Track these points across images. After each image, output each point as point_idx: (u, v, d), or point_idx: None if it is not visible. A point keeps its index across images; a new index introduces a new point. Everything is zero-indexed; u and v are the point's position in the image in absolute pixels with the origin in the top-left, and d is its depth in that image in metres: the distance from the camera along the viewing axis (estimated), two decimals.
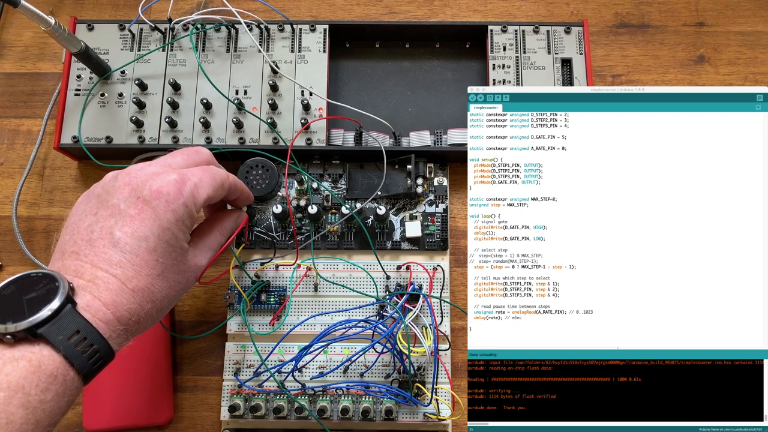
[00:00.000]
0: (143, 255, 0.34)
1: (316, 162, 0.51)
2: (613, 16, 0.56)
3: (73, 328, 0.30)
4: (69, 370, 0.30)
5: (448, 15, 0.56)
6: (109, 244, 0.33)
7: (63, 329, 0.30)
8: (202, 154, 0.40)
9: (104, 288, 0.32)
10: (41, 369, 0.29)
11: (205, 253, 0.40)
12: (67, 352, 0.30)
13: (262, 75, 0.51)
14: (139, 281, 0.33)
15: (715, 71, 0.54)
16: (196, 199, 0.36)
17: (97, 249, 0.33)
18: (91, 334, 0.31)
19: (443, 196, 0.49)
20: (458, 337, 0.48)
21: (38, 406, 0.29)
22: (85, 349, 0.31)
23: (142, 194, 0.35)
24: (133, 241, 0.34)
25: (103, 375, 0.46)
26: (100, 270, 0.33)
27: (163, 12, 0.53)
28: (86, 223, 0.34)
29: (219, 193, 0.39)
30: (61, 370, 0.30)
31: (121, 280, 0.33)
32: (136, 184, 0.35)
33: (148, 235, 0.34)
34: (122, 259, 0.33)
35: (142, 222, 0.34)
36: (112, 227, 0.34)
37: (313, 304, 0.47)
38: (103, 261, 0.33)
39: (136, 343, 0.46)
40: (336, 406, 0.45)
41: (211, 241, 0.41)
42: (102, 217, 0.34)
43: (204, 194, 0.37)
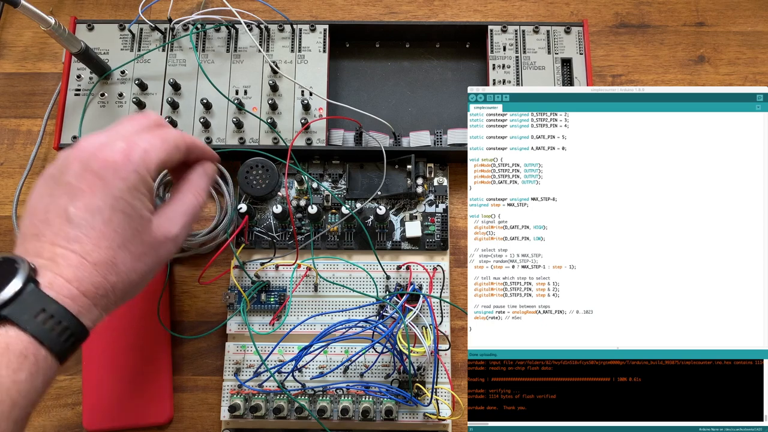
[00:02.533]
0: (99, 227, 0.33)
1: (316, 162, 0.51)
2: (613, 16, 0.56)
3: (38, 307, 0.30)
4: (40, 349, 0.30)
5: (448, 15, 0.56)
6: (65, 221, 0.33)
7: (27, 308, 0.30)
8: (150, 117, 0.38)
9: (65, 264, 0.32)
10: (10, 350, 0.29)
11: (178, 220, 0.38)
12: (35, 331, 0.30)
13: (262, 75, 0.51)
14: (99, 254, 0.33)
15: (715, 71, 0.54)
16: (148, 164, 0.35)
17: (54, 228, 0.33)
18: (57, 312, 0.31)
19: (443, 196, 0.49)
20: (458, 337, 0.48)
21: (12, 387, 0.28)
22: (54, 327, 0.30)
23: (91, 167, 0.34)
24: (87, 215, 0.33)
25: (104, 375, 0.46)
26: (59, 247, 0.32)
27: (163, 12, 0.53)
28: (42, 205, 0.34)
29: (174, 155, 0.37)
30: (32, 349, 0.29)
31: (80, 255, 0.32)
32: (85, 158, 0.34)
33: (101, 207, 0.33)
34: (79, 233, 0.33)
35: (94, 195, 0.34)
36: (66, 204, 0.33)
37: (313, 304, 0.47)
38: (61, 238, 0.33)
39: (136, 343, 0.47)
40: (336, 406, 0.45)
41: (184, 206, 0.39)
42: (56, 196, 0.34)
43: (155, 158, 0.36)
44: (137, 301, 0.48)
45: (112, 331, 0.47)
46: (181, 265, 0.50)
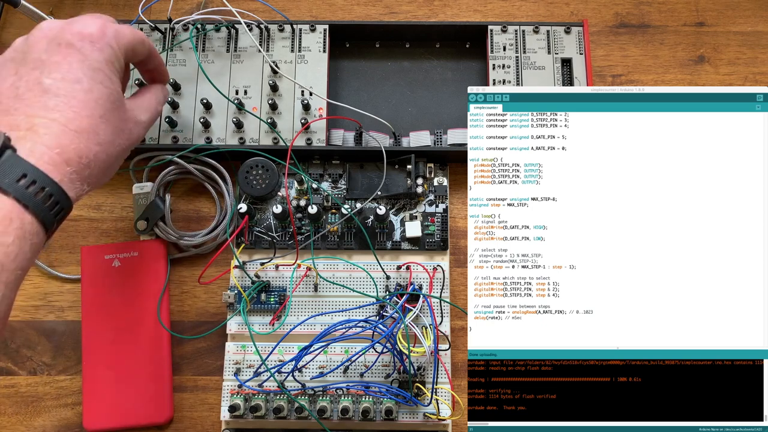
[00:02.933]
0: (79, 96, 0.33)
1: (316, 162, 0.51)
2: (613, 16, 0.56)
3: (19, 172, 0.29)
4: (25, 214, 0.29)
5: (448, 15, 0.56)
6: (40, 92, 0.32)
7: (8, 173, 0.29)
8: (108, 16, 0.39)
9: (44, 132, 0.31)
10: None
11: (144, 112, 0.40)
12: (18, 194, 0.29)
13: (262, 75, 0.51)
14: (81, 122, 0.33)
15: (715, 71, 0.54)
16: (120, 41, 0.36)
17: (28, 100, 0.32)
18: (40, 177, 0.30)
19: (443, 196, 0.49)
20: (458, 337, 0.48)
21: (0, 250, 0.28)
22: (38, 192, 0.30)
23: (63, 40, 0.34)
24: (66, 85, 0.33)
25: (104, 375, 0.46)
26: (37, 117, 0.32)
27: (163, 12, 0.53)
28: (8, 84, 0.33)
29: (141, 47, 0.38)
30: (16, 212, 0.29)
31: (61, 123, 0.32)
32: (54, 35, 0.34)
33: (80, 77, 0.33)
34: (58, 102, 0.32)
35: (71, 65, 0.33)
36: (39, 77, 0.33)
37: (313, 304, 0.47)
38: (38, 108, 0.32)
39: (136, 343, 0.47)
40: (336, 406, 0.45)
41: (147, 103, 0.41)
42: (24, 72, 0.33)
43: (127, 38, 0.37)
44: (137, 301, 0.48)
45: (112, 331, 0.47)
46: (181, 265, 0.50)
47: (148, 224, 0.48)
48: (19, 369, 0.48)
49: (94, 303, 0.48)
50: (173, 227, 0.49)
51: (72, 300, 0.49)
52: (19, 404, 0.47)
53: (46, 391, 0.48)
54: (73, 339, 0.48)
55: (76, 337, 0.48)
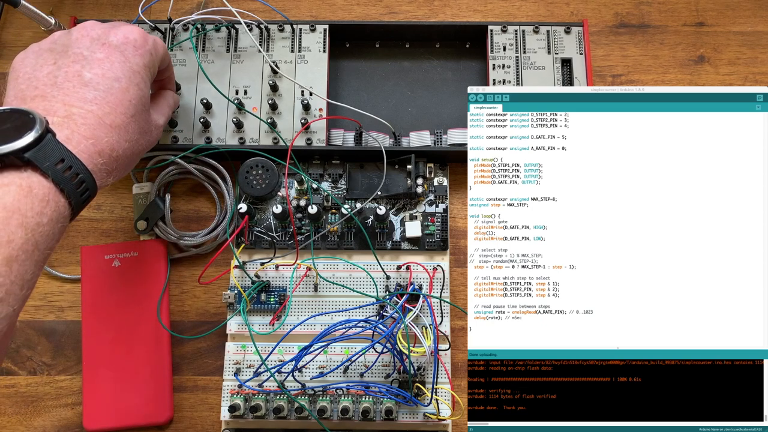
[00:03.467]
0: (117, 94, 0.35)
1: (316, 162, 0.51)
2: (613, 16, 0.56)
3: (58, 156, 0.30)
4: (60, 197, 0.30)
5: (448, 15, 0.56)
6: (80, 84, 0.34)
7: (48, 156, 0.30)
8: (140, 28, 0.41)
9: (82, 122, 0.32)
10: (33, 193, 0.29)
11: (161, 116, 0.42)
12: (56, 178, 0.30)
13: (262, 75, 0.51)
14: (115, 118, 0.34)
15: (715, 71, 0.54)
16: (158, 50, 0.39)
17: (66, 90, 0.33)
18: (76, 164, 0.31)
19: (443, 196, 0.49)
20: (458, 337, 0.48)
21: (36, 229, 0.29)
22: (72, 177, 0.31)
23: (107, 40, 0.36)
24: (106, 81, 0.35)
25: (104, 375, 0.46)
26: (74, 107, 0.33)
27: (163, 12, 0.53)
28: (45, 71, 0.35)
29: (167, 57, 0.42)
30: (53, 195, 0.30)
31: (98, 116, 0.33)
32: (98, 35, 0.37)
33: (119, 76, 0.35)
34: (96, 96, 0.34)
35: (112, 64, 0.35)
36: (80, 70, 0.34)
37: (313, 304, 0.47)
38: (77, 99, 0.33)
39: (136, 343, 0.47)
40: (336, 406, 0.45)
41: (162, 109, 0.43)
42: (64, 64, 0.35)
43: (162, 50, 0.40)
44: (137, 301, 0.48)
45: (112, 331, 0.47)
46: (181, 265, 0.50)
47: (148, 224, 0.48)
48: (19, 369, 0.48)
49: (94, 303, 0.48)
50: (173, 227, 0.49)
51: (72, 300, 0.49)
52: (19, 404, 0.47)
53: (46, 391, 0.48)
54: (73, 339, 0.48)
55: (76, 337, 0.48)
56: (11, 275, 0.28)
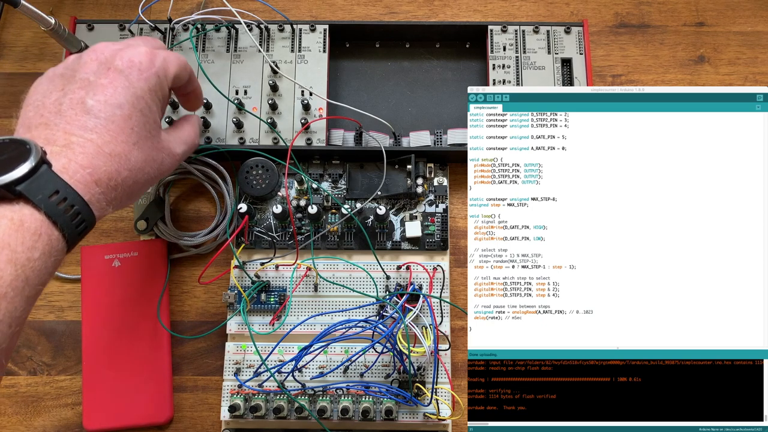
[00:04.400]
0: (118, 122, 0.34)
1: (316, 162, 0.51)
2: (613, 16, 0.56)
3: (52, 188, 0.30)
4: (53, 230, 0.30)
5: (448, 15, 0.56)
6: (82, 111, 0.33)
7: (42, 188, 0.29)
8: (157, 40, 0.41)
9: (80, 151, 0.32)
10: (24, 227, 0.28)
11: (180, 145, 0.41)
12: (49, 211, 0.29)
13: (262, 75, 0.51)
14: (115, 146, 0.34)
15: (715, 71, 0.54)
16: (167, 71, 0.37)
17: (68, 117, 0.33)
18: (71, 195, 0.30)
19: (443, 196, 0.49)
20: (458, 337, 0.48)
21: (26, 264, 0.28)
22: (67, 209, 0.30)
23: (113, 65, 0.35)
24: (108, 108, 0.34)
25: (104, 375, 0.46)
26: (74, 135, 0.32)
27: (163, 12, 0.53)
28: (52, 99, 0.34)
29: (183, 73, 0.40)
30: (45, 228, 0.29)
31: (97, 144, 0.33)
32: (105, 58, 0.36)
33: (122, 103, 0.34)
34: (97, 124, 0.33)
35: (115, 90, 0.34)
36: (84, 97, 0.34)
37: (313, 304, 0.47)
38: (77, 127, 0.33)
39: (136, 343, 0.47)
40: (336, 406, 0.45)
41: (185, 135, 0.42)
42: (70, 90, 0.34)
43: (173, 68, 0.38)
44: (137, 301, 0.48)
45: (112, 331, 0.47)
46: (181, 265, 0.50)
47: (148, 224, 0.48)
48: (19, 369, 0.48)
49: (94, 303, 0.48)
50: (173, 227, 0.49)
51: (72, 300, 0.49)
52: (19, 404, 0.47)
53: (46, 391, 0.48)
54: (73, 339, 0.49)
55: (76, 337, 0.48)
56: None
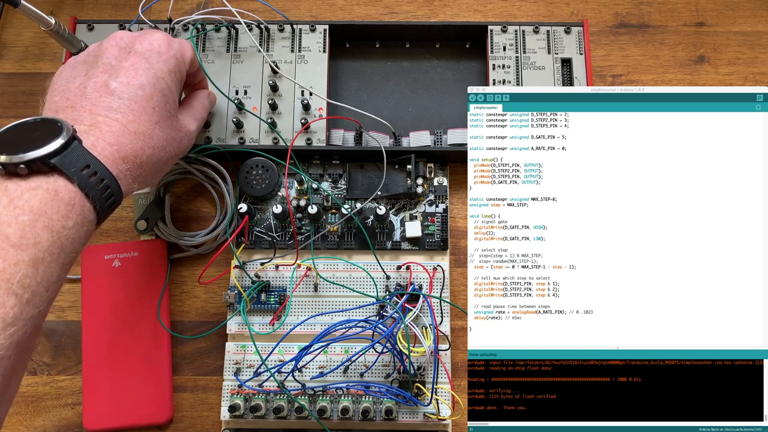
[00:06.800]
0: (140, 102, 0.36)
1: (316, 162, 0.51)
2: (613, 16, 0.56)
3: (84, 162, 0.31)
4: (85, 201, 0.31)
5: (448, 15, 0.56)
6: (106, 93, 0.35)
7: (75, 162, 0.31)
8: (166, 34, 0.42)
9: (106, 130, 0.34)
10: (59, 197, 0.30)
11: (193, 121, 0.43)
12: (81, 183, 0.31)
13: (262, 75, 0.51)
14: (139, 125, 0.35)
15: (715, 71, 0.54)
16: (184, 54, 0.40)
17: (93, 99, 0.35)
18: (101, 170, 0.32)
19: (443, 196, 0.49)
20: (458, 337, 0.48)
21: (61, 232, 0.30)
22: (98, 183, 0.32)
23: (133, 48, 0.38)
24: (130, 89, 0.36)
25: (104, 375, 0.46)
26: (100, 116, 0.34)
27: (163, 12, 0.53)
28: (77, 83, 0.36)
29: (196, 59, 0.43)
30: (78, 199, 0.31)
31: (122, 123, 0.35)
32: (125, 43, 0.38)
33: (143, 83, 0.36)
34: (121, 104, 0.35)
35: (137, 71, 0.37)
36: (107, 80, 0.36)
37: (313, 304, 0.47)
38: (102, 108, 0.35)
39: (136, 343, 0.47)
40: (336, 406, 0.45)
41: (196, 113, 0.44)
42: (94, 74, 0.36)
43: (189, 52, 0.41)
44: (137, 301, 0.48)
45: (112, 331, 0.47)
46: (181, 265, 0.50)
47: (148, 224, 0.48)
48: None
49: (94, 303, 0.48)
50: (173, 227, 0.49)
51: (72, 300, 0.49)
52: (19, 404, 0.47)
53: (46, 391, 0.48)
54: (73, 339, 0.49)
55: (76, 337, 0.48)
56: (37, 277, 0.29)
